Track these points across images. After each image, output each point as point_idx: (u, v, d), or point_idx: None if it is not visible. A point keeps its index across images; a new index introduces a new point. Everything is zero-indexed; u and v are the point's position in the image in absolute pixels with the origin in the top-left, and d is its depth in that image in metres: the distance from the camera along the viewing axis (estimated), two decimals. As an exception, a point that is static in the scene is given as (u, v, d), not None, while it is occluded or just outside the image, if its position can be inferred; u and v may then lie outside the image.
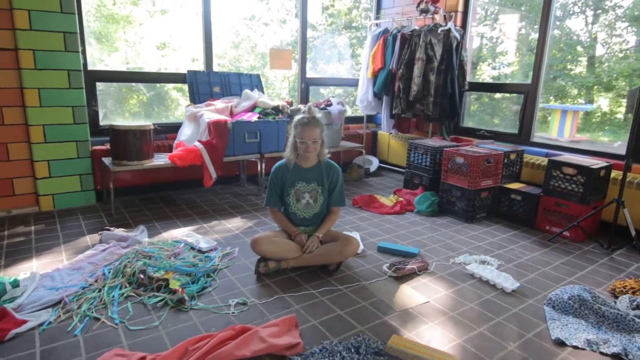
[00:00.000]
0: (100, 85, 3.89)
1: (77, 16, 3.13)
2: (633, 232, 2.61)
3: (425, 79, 3.92)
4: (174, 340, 1.73)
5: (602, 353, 1.76)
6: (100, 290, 2.08)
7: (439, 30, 3.84)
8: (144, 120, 4.33)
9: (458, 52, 3.93)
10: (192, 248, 2.60)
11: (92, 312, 1.90)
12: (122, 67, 4.75)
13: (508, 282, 2.27)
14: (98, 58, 4.68)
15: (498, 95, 5.37)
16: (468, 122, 4.49)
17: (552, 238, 2.99)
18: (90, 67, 3.45)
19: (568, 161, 3.02)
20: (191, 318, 1.90)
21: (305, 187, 2.41)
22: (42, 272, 2.24)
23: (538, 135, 3.96)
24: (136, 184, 3.68)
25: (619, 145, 3.60)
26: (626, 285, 2.24)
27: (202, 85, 3.84)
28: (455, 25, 3.95)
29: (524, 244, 2.91)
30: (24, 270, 2.26)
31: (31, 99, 3.03)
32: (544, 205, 3.13)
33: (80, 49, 3.19)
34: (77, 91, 3.19)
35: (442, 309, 2.04)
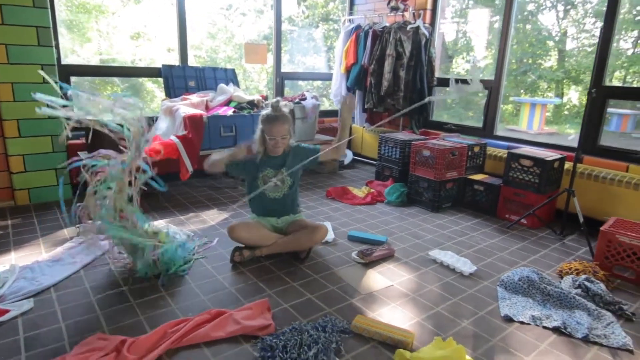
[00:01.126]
0: (73, 78, 3.90)
1: (49, 10, 3.14)
2: (581, 219, 2.84)
3: (395, 74, 4.08)
4: (153, 324, 1.84)
5: (544, 327, 1.96)
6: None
7: (408, 27, 3.99)
8: None
9: (427, 49, 4.09)
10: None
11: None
12: (95, 58, 4.74)
13: (466, 266, 2.46)
14: (70, 49, 4.65)
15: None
16: (441, 116, 4.67)
17: (510, 225, 3.21)
18: (63, 60, 3.45)
19: (525, 154, 3.23)
20: (169, 304, 2.01)
21: (272, 173, 2.49)
22: (22, 264, 2.30)
23: (509, 128, 4.17)
24: (113, 177, 3.71)
25: (572, 138, 3.84)
26: (571, 267, 2.46)
27: (178, 79, 3.90)
28: (424, 23, 4.11)
29: (484, 231, 3.12)
30: (3, 263, 2.32)
31: (5, 94, 3.04)
32: (504, 195, 3.35)
33: (53, 43, 3.20)
34: (50, 86, 3.20)
35: (404, 292, 2.22)
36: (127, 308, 1.97)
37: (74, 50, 4.92)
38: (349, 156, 5.03)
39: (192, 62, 5.52)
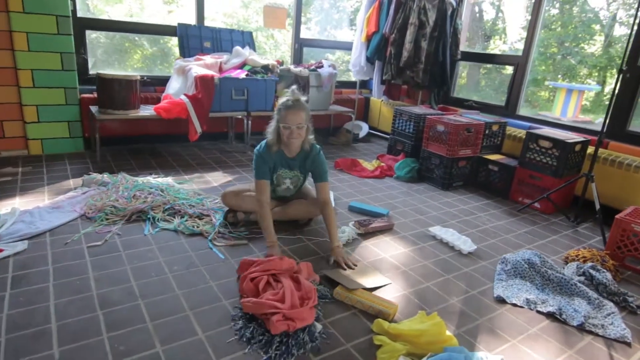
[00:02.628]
0: (101, 37, 3.92)
1: (65, -40, 3.12)
2: (597, 206, 2.67)
3: (416, 45, 3.90)
4: (137, 274, 1.85)
5: (538, 311, 1.86)
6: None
7: (434, -5, 3.78)
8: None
9: (453, 20, 3.88)
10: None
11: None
12: (125, 19, 4.75)
13: (466, 245, 2.36)
14: (101, 9, 4.66)
15: (508, 70, 5.31)
16: (470, 97, 4.47)
17: (522, 209, 3.06)
18: (86, 15, 3.44)
19: (544, 134, 3.05)
20: (156, 256, 2.02)
21: (287, 174, 2.36)
22: (23, 208, 2.36)
23: (542, 114, 3.95)
24: (124, 134, 3.75)
25: (600, 121, 3.60)
26: (579, 254, 2.33)
27: (193, 39, 3.84)
28: (452, -9, 3.88)
29: (493, 212, 2.99)
30: (6, 207, 2.38)
31: (20, 43, 3.07)
32: (518, 177, 3.19)
33: (69, -6, 3.20)
34: (66, 37, 3.22)
35: (395, 264, 2.15)
36: (115, 257, 1.99)
37: (104, 10, 4.94)
38: (364, 129, 4.91)
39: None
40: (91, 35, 3.88)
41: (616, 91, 2.62)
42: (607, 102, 2.53)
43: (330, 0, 6.02)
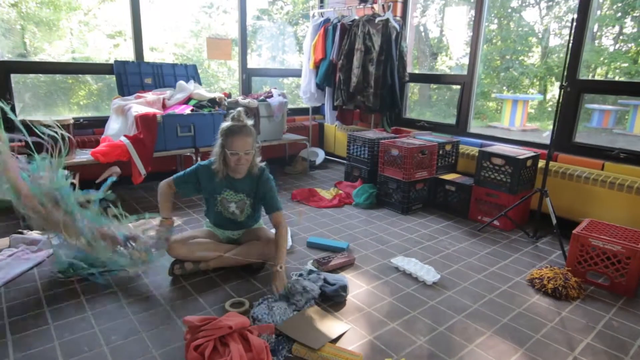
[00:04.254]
0: (41, 76, 3.67)
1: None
2: (554, 221, 2.68)
3: (364, 69, 3.88)
4: (68, 352, 1.62)
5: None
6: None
7: (377, 20, 3.80)
8: (91, 114, 4.11)
9: (398, 43, 3.90)
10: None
11: None
12: (66, 56, 4.49)
13: (429, 275, 2.27)
14: (39, 47, 4.39)
15: (456, 86, 5.43)
16: (424, 113, 4.51)
17: (482, 228, 3.04)
18: (17, 57, 3.17)
19: (496, 152, 3.06)
20: (91, 325, 1.79)
21: (232, 197, 2.24)
22: None
23: (491, 125, 4.00)
24: (62, 181, 3.46)
25: (547, 135, 3.68)
26: (542, 275, 2.29)
27: (132, 76, 3.65)
28: (394, 16, 3.92)
29: (454, 234, 2.94)
30: None
31: None
32: (475, 195, 3.17)
33: (-12, 37, 2.95)
34: (-13, 85, 2.96)
35: (359, 305, 2.02)
36: (42, 332, 1.74)
37: (43, 49, 4.65)
38: (320, 156, 4.83)
39: (171, 60, 5.30)
40: (30, 75, 3.63)
41: (559, 105, 2.66)
42: (550, 110, 2.57)
43: (279, 27, 6.00)
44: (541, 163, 3.12)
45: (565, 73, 2.60)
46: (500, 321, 1.94)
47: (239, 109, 2.20)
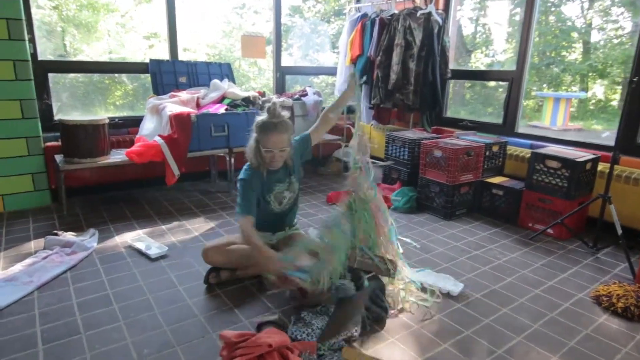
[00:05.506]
0: (79, 77, 3.69)
1: (21, 1, 2.88)
2: (619, 231, 2.42)
3: (404, 66, 3.69)
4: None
5: None
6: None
7: (419, 13, 3.60)
8: (126, 113, 4.12)
9: (440, 38, 3.69)
10: (141, 253, 2.40)
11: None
12: (104, 57, 4.53)
13: (451, 284, 2.10)
14: (78, 48, 4.45)
15: (492, 83, 5.13)
16: (458, 112, 4.27)
17: (534, 236, 2.80)
18: (58, 57, 3.17)
19: (552, 154, 2.81)
20: (124, 337, 1.70)
21: (282, 187, 2.14)
22: (-31, 284, 2.04)
23: (531, 124, 3.73)
24: (97, 182, 3.46)
25: (607, 135, 3.40)
26: (610, 292, 2.05)
27: (167, 75, 3.60)
28: (436, 9, 3.71)
29: (504, 243, 2.72)
30: (-49, 282, 2.06)
31: (-28, 92, 2.80)
32: (526, 200, 2.94)
33: (27, 37, 2.94)
34: (25, 83, 2.95)
35: (405, 321, 1.85)
36: (73, 342, 1.67)
37: (81, 50, 4.72)
38: (355, 156, 4.65)
39: (204, 59, 5.27)
40: (69, 75, 3.65)
41: (626, 102, 2.40)
42: (592, 108, 2.32)
43: (310, 25, 5.88)
44: (601, 166, 2.85)
45: (634, 67, 2.34)
46: (566, 344, 1.73)
47: (275, 101, 2.10)
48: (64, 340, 1.68)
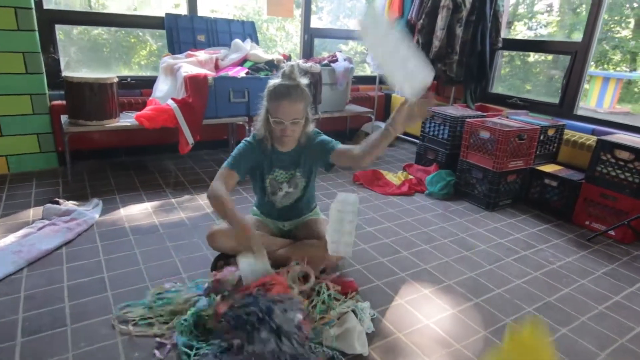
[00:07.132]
0: (103, 34, 3.41)
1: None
2: None
3: (450, 31, 3.24)
4: None
5: None
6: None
7: (472, -29, 3.12)
8: (150, 73, 3.82)
9: (493, 1, 3.22)
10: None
11: None
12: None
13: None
14: (102, 4, 4.15)
15: (532, 58, 4.63)
16: (498, 88, 3.82)
17: (592, 237, 2.42)
18: (45, 4, 2.87)
19: (624, 142, 2.39)
20: (114, 335, 1.46)
21: (283, 176, 1.84)
22: (-46, 256, 1.83)
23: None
24: (108, 146, 3.22)
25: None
26: (694, 316, 1.69)
27: (184, 32, 3.27)
28: (492, -34, 3.21)
29: (557, 243, 2.36)
30: (-64, 252, 1.86)
31: (-29, 42, 2.55)
32: (585, 195, 2.54)
33: (31, -20, 2.65)
34: (28, 34, 2.68)
35: (444, 337, 1.55)
36: (57, 336, 1.44)
37: (106, 5, 4.41)
38: (386, 131, 4.28)
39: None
40: (93, 31, 3.38)
41: None
42: (636, 90, 1.89)
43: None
44: (680, 160, 2.42)
45: None
46: (643, 384, 1.40)
47: (293, 63, 1.74)
48: (46, 333, 1.45)
